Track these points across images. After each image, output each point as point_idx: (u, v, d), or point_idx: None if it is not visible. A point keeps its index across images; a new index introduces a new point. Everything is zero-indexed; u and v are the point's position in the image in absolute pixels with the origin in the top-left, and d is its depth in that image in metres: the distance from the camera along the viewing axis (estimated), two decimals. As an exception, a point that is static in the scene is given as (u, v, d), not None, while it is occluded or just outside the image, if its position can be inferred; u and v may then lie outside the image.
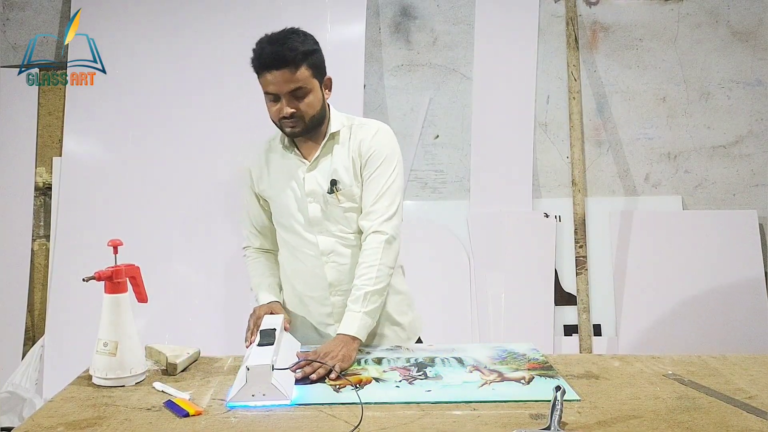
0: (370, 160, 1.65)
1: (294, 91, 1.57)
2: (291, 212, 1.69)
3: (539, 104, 3.08)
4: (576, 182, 2.99)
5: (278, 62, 1.54)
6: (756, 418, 1.19)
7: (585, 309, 2.92)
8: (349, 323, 1.55)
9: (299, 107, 1.58)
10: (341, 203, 1.65)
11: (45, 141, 3.05)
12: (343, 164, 1.65)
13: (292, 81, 1.55)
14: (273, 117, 1.62)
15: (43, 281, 3.03)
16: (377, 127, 1.69)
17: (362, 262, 1.60)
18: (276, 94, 1.57)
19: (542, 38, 3.06)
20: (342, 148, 1.67)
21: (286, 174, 1.69)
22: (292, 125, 1.60)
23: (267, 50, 1.56)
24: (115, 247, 1.42)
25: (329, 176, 1.65)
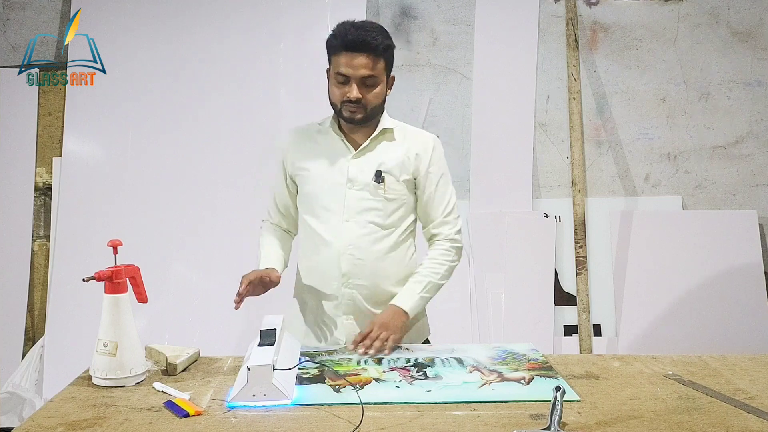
0: (431, 174, 1.73)
1: (367, 78, 1.62)
2: (324, 194, 1.71)
3: (539, 104, 3.08)
4: (576, 182, 2.99)
5: (362, 47, 1.60)
6: (756, 418, 1.19)
7: (585, 309, 2.92)
8: (406, 298, 1.66)
9: (366, 95, 1.63)
10: (386, 194, 1.70)
11: (45, 141, 3.05)
12: (394, 161, 1.70)
13: (369, 68, 1.61)
14: (335, 99, 1.66)
15: (43, 281, 3.03)
16: (435, 141, 1.77)
17: (433, 257, 1.73)
18: (348, 76, 1.61)
19: (542, 38, 3.06)
20: (393, 146, 1.73)
21: (328, 157, 1.72)
22: (353, 111, 1.64)
23: (352, 33, 1.62)
24: (114, 247, 1.42)
25: (375, 167, 1.69)
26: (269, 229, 1.84)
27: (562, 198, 3.08)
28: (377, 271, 1.71)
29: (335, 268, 1.69)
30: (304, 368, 1.43)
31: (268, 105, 2.93)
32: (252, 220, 2.87)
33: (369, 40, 1.60)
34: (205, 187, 2.91)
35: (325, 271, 1.71)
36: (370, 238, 1.69)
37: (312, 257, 1.74)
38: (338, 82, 1.64)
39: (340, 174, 1.70)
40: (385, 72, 1.66)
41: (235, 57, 2.95)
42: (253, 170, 2.90)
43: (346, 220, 1.69)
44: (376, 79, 1.64)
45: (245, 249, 2.86)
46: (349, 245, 1.69)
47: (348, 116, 1.65)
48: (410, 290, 1.68)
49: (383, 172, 1.69)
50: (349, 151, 1.72)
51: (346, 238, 1.68)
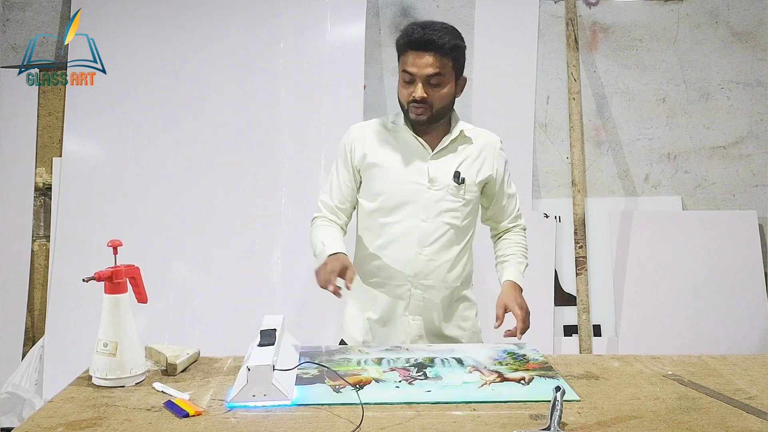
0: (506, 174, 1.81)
1: (432, 76, 1.62)
2: (402, 193, 1.70)
3: (539, 105, 3.08)
4: (576, 183, 2.99)
5: (427, 45, 1.60)
6: (756, 418, 1.19)
7: (585, 309, 2.92)
8: (518, 273, 1.77)
9: (432, 95, 1.63)
10: (465, 195, 1.72)
11: (45, 141, 3.05)
12: (471, 162, 1.73)
13: (434, 67, 1.61)
14: (402, 98, 1.67)
15: (43, 281, 3.03)
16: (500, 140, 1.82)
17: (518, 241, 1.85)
18: (414, 75, 1.61)
19: (542, 39, 3.06)
20: (468, 148, 1.75)
21: (405, 156, 1.72)
22: (420, 111, 1.64)
23: (419, 32, 1.61)
24: (114, 247, 1.42)
25: (454, 168, 1.71)
26: (323, 223, 1.79)
27: (562, 198, 3.08)
28: (448, 273, 1.73)
29: (408, 268, 1.70)
30: (303, 368, 1.43)
31: (268, 105, 2.93)
32: (252, 220, 2.89)
33: (434, 38, 1.60)
34: (205, 186, 2.91)
35: (396, 270, 1.72)
36: (446, 240, 1.71)
37: (382, 255, 1.73)
38: (405, 81, 1.64)
39: (420, 174, 1.70)
40: (453, 72, 1.65)
41: (235, 57, 2.95)
42: (253, 170, 2.91)
43: (423, 220, 1.69)
44: (442, 78, 1.63)
45: (245, 249, 2.88)
46: (424, 246, 1.70)
47: (414, 117, 1.66)
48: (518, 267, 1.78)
49: (460, 173, 1.71)
50: (427, 152, 1.71)
51: (423, 239, 1.69)
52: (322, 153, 2.88)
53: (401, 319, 1.74)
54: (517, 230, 1.89)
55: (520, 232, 1.89)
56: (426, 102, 1.63)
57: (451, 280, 1.76)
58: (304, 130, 2.91)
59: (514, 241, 1.86)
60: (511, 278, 1.75)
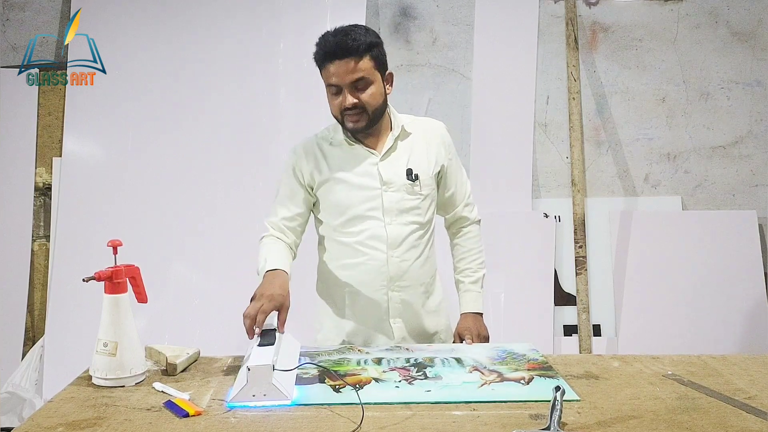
0: (452, 160, 1.77)
1: (356, 81, 1.59)
2: (359, 201, 1.68)
3: (539, 105, 3.08)
4: (576, 182, 2.99)
5: (342, 52, 1.57)
6: (756, 418, 1.19)
7: (585, 309, 2.92)
8: (474, 301, 1.78)
9: (361, 98, 1.60)
10: (421, 191, 1.70)
11: (45, 141, 3.05)
12: (421, 156, 1.71)
13: (355, 71, 1.58)
14: (334, 111, 1.64)
15: (43, 281, 3.03)
16: (443, 126, 1.79)
17: (471, 248, 1.82)
18: (338, 85, 1.59)
19: (542, 39, 3.06)
20: (413, 141, 1.72)
21: (352, 165, 1.69)
22: (355, 119, 1.61)
23: (330, 41, 1.59)
24: (114, 247, 1.42)
25: (404, 166, 1.69)
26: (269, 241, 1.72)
27: (562, 198, 3.08)
28: (421, 270, 1.73)
29: (382, 273, 1.69)
30: (303, 368, 1.43)
31: (267, 105, 2.93)
32: (252, 220, 2.88)
33: (347, 42, 1.56)
34: (205, 186, 2.91)
35: (370, 277, 1.70)
36: (414, 238, 1.70)
37: (352, 265, 1.71)
38: (332, 93, 1.61)
39: (373, 179, 1.68)
40: (376, 70, 1.61)
41: (235, 57, 2.95)
42: (252, 170, 2.91)
43: (388, 223, 1.67)
44: (366, 80, 1.59)
45: (245, 249, 2.86)
46: (394, 248, 1.68)
47: (352, 126, 1.63)
48: (473, 292, 1.79)
49: (413, 170, 1.68)
50: (374, 155, 1.69)
51: (392, 241, 1.68)
52: (322, 153, 2.88)
53: (382, 325, 1.73)
54: (469, 227, 1.85)
55: (472, 230, 1.85)
56: (358, 107, 1.59)
57: (425, 276, 1.75)
58: (304, 130, 2.89)
59: (466, 248, 1.83)
60: (466, 311, 1.78)
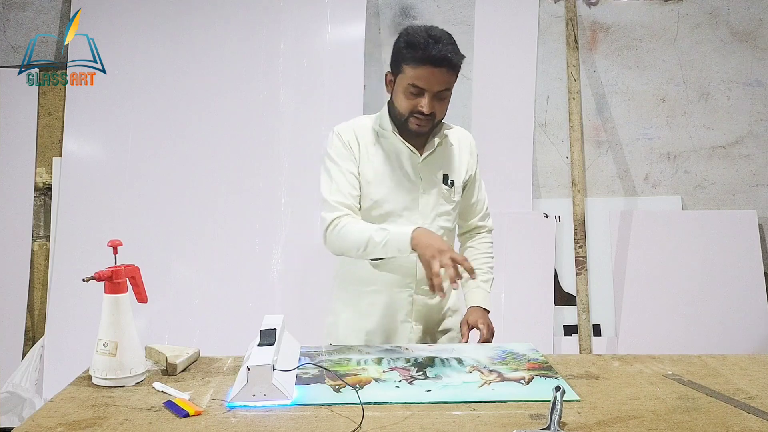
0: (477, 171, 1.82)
1: (442, 91, 1.59)
2: (395, 199, 1.67)
3: (539, 105, 3.08)
4: (576, 182, 2.99)
5: (446, 62, 1.56)
6: (756, 418, 1.19)
7: (585, 309, 2.92)
8: (483, 298, 1.78)
9: (437, 109, 1.61)
10: (454, 198, 1.73)
11: (45, 141, 3.05)
12: (455, 163, 1.74)
13: (446, 83, 1.59)
14: (404, 109, 1.61)
15: (43, 281, 3.03)
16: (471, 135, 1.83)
17: (484, 252, 1.84)
18: (424, 89, 1.57)
19: (542, 39, 3.06)
20: (449, 148, 1.74)
21: (395, 161, 1.69)
22: (423, 124, 1.62)
23: (437, 47, 1.54)
24: (114, 247, 1.41)
25: (442, 171, 1.71)
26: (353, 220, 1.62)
27: (562, 198, 3.08)
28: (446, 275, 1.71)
29: (410, 275, 1.69)
30: (303, 368, 1.43)
31: (267, 105, 2.93)
32: (252, 219, 2.89)
33: (450, 55, 1.56)
34: (205, 186, 2.91)
35: (398, 277, 1.70)
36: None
37: (381, 263, 1.70)
38: (411, 93, 1.59)
39: (412, 180, 1.68)
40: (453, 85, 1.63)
41: (235, 57, 2.95)
42: (253, 169, 2.91)
43: (420, 225, 1.64)
44: (449, 93, 1.62)
45: (245, 249, 2.87)
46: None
47: (415, 129, 1.63)
48: (482, 290, 1.79)
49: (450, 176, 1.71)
50: (417, 156, 1.69)
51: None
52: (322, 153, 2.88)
53: (402, 326, 1.73)
54: (484, 234, 1.88)
55: (486, 237, 1.88)
56: (430, 116, 1.60)
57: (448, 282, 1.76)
58: (304, 130, 2.91)
59: (480, 251, 1.85)
60: (476, 304, 1.78)
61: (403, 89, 1.61)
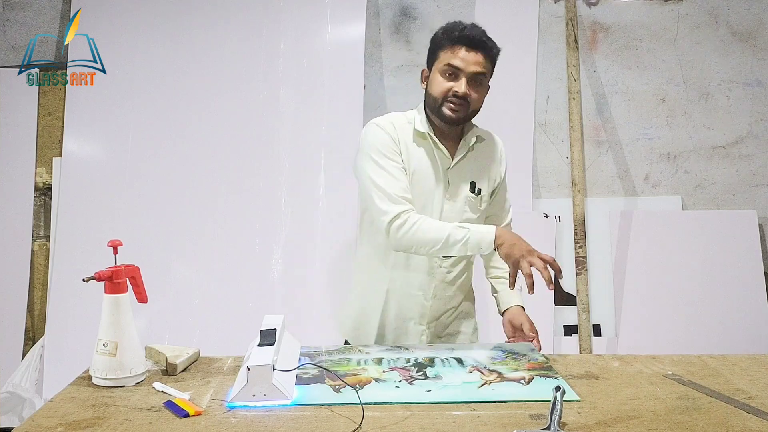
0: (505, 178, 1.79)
1: (477, 75, 1.60)
2: (422, 204, 1.64)
3: (539, 105, 3.08)
4: (576, 182, 2.99)
5: (481, 44, 1.60)
6: (756, 418, 1.19)
7: (585, 309, 2.92)
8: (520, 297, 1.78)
9: (472, 94, 1.61)
10: (480, 206, 1.70)
11: (45, 141, 3.05)
12: (484, 171, 1.71)
13: (482, 66, 1.61)
14: (438, 92, 1.61)
15: (43, 281, 3.03)
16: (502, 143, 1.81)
17: None
18: (460, 70, 1.59)
19: (542, 39, 3.06)
20: (480, 156, 1.72)
21: (426, 163, 1.66)
22: (457, 108, 1.60)
23: (471, 29, 1.60)
24: (114, 247, 1.42)
25: (470, 179, 1.69)
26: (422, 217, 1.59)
27: (562, 198, 3.08)
28: (461, 284, 1.74)
29: (427, 280, 1.69)
30: (303, 368, 1.43)
31: (267, 105, 2.93)
32: (252, 220, 2.89)
33: (486, 39, 1.61)
34: (206, 186, 2.91)
35: (415, 281, 1.70)
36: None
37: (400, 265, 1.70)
38: (446, 75, 1.60)
39: (440, 184, 1.66)
40: (489, 76, 1.65)
41: (235, 57, 2.95)
42: (253, 169, 2.90)
43: None
44: (484, 79, 1.63)
45: (245, 249, 2.87)
46: (445, 259, 1.68)
47: (448, 114, 1.60)
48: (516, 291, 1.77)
49: (476, 184, 1.69)
50: (448, 160, 1.67)
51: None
52: (322, 153, 2.88)
53: (415, 328, 1.73)
54: None
55: None
56: (466, 100, 1.60)
57: (465, 287, 1.78)
58: (304, 130, 2.91)
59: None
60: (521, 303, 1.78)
61: (439, 72, 1.62)
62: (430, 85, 1.64)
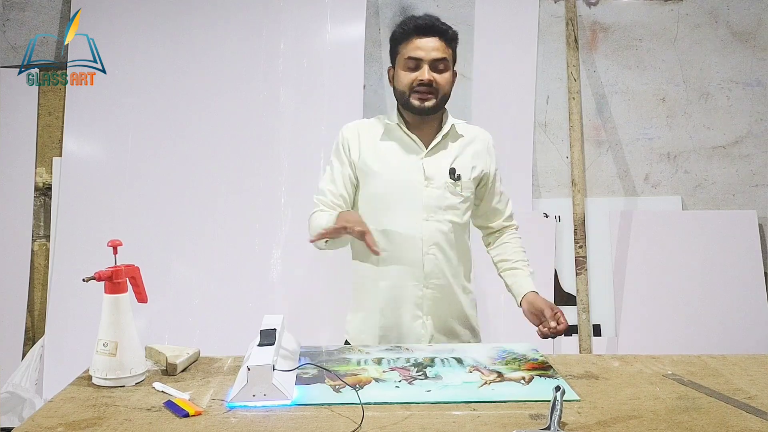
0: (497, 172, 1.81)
1: (438, 61, 1.66)
2: (399, 193, 1.70)
3: (539, 105, 3.08)
4: (576, 182, 2.99)
5: (434, 30, 1.67)
6: (756, 418, 1.19)
7: (585, 309, 2.92)
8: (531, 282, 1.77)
9: (437, 79, 1.66)
10: (462, 192, 1.72)
11: (45, 141, 3.05)
12: (465, 159, 1.74)
13: (441, 51, 1.67)
14: (404, 85, 1.68)
15: (43, 281, 3.03)
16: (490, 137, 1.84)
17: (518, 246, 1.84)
18: (420, 59, 1.65)
19: (542, 39, 3.06)
20: (460, 144, 1.76)
21: (400, 155, 1.72)
22: (424, 97, 1.66)
23: (424, 19, 1.68)
24: (114, 247, 1.42)
25: (449, 165, 1.71)
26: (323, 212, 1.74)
27: (562, 198, 3.08)
28: (455, 270, 1.74)
29: (418, 268, 1.70)
30: (303, 368, 1.43)
31: (267, 105, 2.93)
32: (252, 220, 2.89)
33: (439, 24, 1.67)
34: (206, 186, 2.91)
35: (405, 272, 1.70)
36: (451, 237, 1.72)
37: (389, 258, 1.71)
38: (408, 68, 1.66)
39: (415, 172, 1.70)
40: (452, 61, 1.69)
41: (235, 57, 2.95)
42: (253, 169, 2.90)
43: (425, 219, 1.69)
44: (447, 63, 1.67)
45: (245, 249, 2.87)
46: (432, 245, 1.70)
47: (418, 104, 1.66)
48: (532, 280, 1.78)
49: (456, 170, 1.71)
50: (421, 149, 1.72)
51: (429, 238, 1.69)
52: (322, 153, 2.88)
53: (414, 322, 1.73)
54: (512, 232, 1.89)
55: (516, 234, 1.89)
56: (432, 86, 1.65)
57: (461, 276, 1.77)
58: (304, 130, 2.91)
59: (516, 245, 1.86)
60: (534, 289, 1.76)
61: (401, 66, 1.68)
62: (396, 80, 1.71)
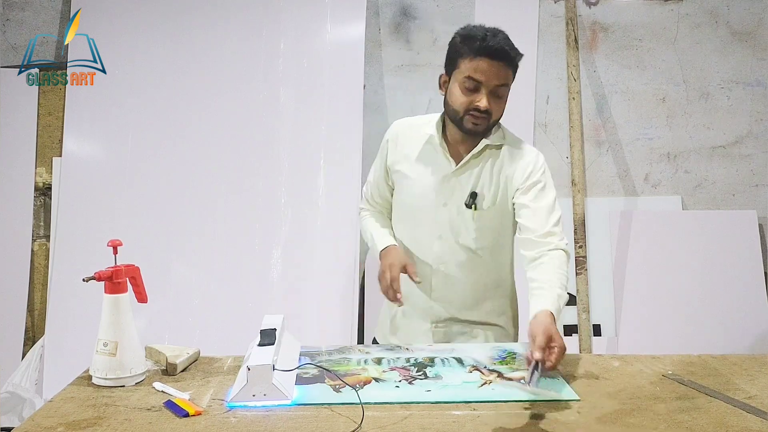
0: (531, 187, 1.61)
1: (499, 87, 1.55)
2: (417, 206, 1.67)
3: (539, 104, 3.08)
4: (576, 182, 2.99)
5: (504, 55, 1.52)
6: (756, 418, 1.19)
7: (585, 309, 2.92)
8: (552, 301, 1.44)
9: (494, 106, 1.55)
10: (474, 219, 1.62)
11: (45, 141, 3.05)
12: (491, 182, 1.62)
13: (505, 78, 1.55)
14: (459, 106, 1.56)
15: (43, 281, 3.03)
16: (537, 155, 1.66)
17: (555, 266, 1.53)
18: (482, 83, 1.53)
19: (542, 39, 3.06)
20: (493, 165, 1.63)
21: (428, 167, 1.65)
22: (478, 122, 1.56)
23: (492, 39, 1.51)
24: (114, 247, 1.42)
25: (471, 187, 1.62)
26: (368, 214, 1.80)
27: (562, 198, 3.06)
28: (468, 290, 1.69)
29: (426, 282, 1.69)
30: (303, 368, 1.43)
31: (267, 105, 2.93)
32: (252, 220, 2.89)
33: (509, 48, 1.53)
34: (206, 186, 2.91)
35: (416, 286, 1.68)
36: (461, 259, 1.66)
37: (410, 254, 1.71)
38: (466, 87, 1.54)
39: (437, 190, 1.64)
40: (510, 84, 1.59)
41: (235, 57, 2.95)
42: (253, 169, 2.91)
43: (438, 236, 1.65)
44: (506, 90, 1.57)
45: (245, 249, 2.87)
46: (440, 263, 1.66)
47: (470, 127, 1.57)
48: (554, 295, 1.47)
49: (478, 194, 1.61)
50: (450, 166, 1.63)
51: (437, 255, 1.66)
52: (322, 153, 2.88)
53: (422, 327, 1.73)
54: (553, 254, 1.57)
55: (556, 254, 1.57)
56: (488, 113, 1.55)
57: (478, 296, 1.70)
58: (304, 130, 2.91)
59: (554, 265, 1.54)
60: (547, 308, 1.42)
61: (459, 84, 1.56)
62: (450, 95, 1.59)
